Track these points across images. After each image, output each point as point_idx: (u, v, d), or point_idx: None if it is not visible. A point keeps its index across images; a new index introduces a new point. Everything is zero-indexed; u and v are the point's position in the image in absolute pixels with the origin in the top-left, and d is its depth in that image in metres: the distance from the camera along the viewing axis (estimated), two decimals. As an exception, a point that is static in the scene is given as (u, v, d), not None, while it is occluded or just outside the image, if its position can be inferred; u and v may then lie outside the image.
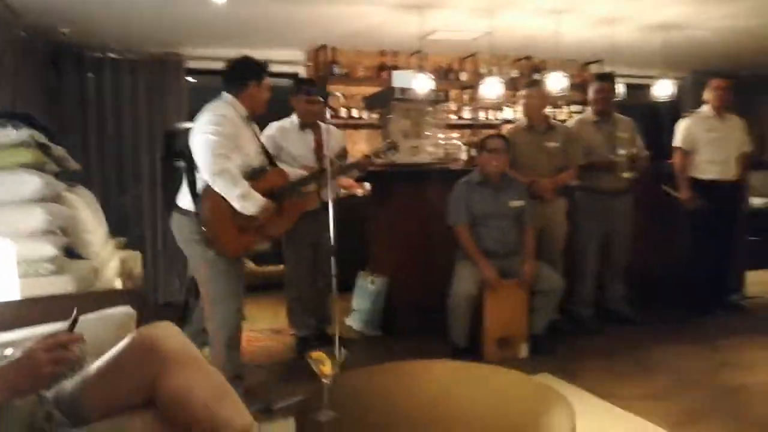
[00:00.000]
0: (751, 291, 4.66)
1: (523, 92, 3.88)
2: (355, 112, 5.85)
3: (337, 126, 4.25)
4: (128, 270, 4.23)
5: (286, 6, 4.46)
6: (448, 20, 4.94)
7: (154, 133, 5.19)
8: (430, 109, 4.28)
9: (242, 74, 2.83)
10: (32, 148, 2.90)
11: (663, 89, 5.59)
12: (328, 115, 3.22)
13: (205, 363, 1.41)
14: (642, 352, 3.49)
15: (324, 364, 1.74)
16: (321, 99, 3.40)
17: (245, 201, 2.65)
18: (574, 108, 6.60)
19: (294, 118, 3.63)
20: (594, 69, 6.74)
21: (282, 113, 7.75)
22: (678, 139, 4.34)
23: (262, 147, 2.98)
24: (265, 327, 4.35)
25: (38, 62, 4.66)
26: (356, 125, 5.82)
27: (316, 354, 1.75)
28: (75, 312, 1.35)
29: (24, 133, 2.79)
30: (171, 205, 2.90)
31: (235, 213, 2.68)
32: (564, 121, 5.61)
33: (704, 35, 5.63)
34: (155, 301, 5.21)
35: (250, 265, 7.26)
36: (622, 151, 3.89)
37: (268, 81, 2.87)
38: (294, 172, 3.19)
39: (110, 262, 3.77)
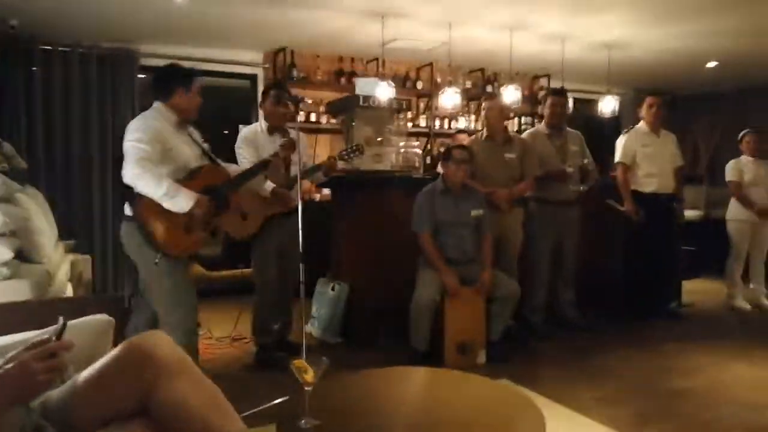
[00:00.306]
0: (687, 299, 4.96)
1: (483, 104, 3.98)
2: (313, 117, 5.85)
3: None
4: (78, 274, 4.09)
5: (246, 8, 4.43)
6: (408, 30, 5.03)
7: (105, 132, 5.02)
8: (392, 117, 4.34)
9: (168, 82, 2.84)
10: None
11: (608, 105, 5.88)
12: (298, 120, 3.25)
13: (198, 371, 1.40)
14: (591, 357, 3.66)
15: (306, 373, 1.76)
16: (290, 103, 3.39)
17: (173, 199, 2.64)
18: (525, 120, 6.83)
19: (262, 122, 3.58)
20: (542, 83, 7.04)
21: (241, 114, 7.63)
22: (619, 155, 4.57)
23: (203, 151, 2.98)
24: (223, 335, 4.28)
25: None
26: (317, 130, 5.81)
27: (299, 362, 1.77)
28: (63, 319, 1.33)
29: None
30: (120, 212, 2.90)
31: (175, 213, 2.68)
32: (516, 132, 5.83)
33: (645, 56, 5.97)
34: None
35: (200, 269, 7.14)
36: (571, 167, 4.08)
37: (198, 86, 2.87)
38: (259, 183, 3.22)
39: (61, 266, 3.64)
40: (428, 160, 5.82)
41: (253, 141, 3.49)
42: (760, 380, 3.26)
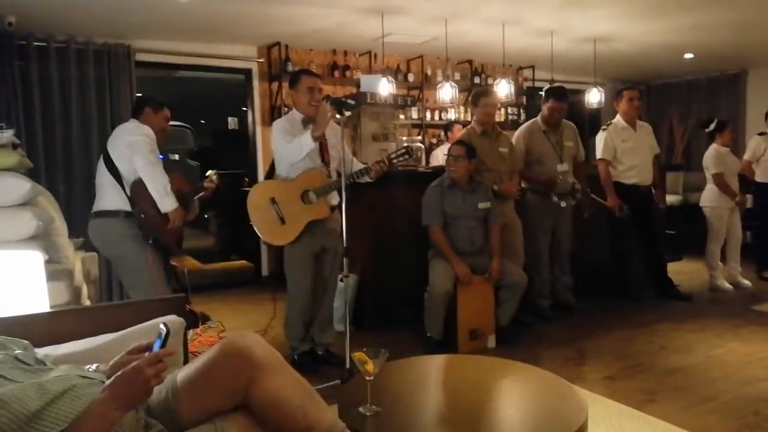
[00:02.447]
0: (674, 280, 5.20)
1: (482, 99, 4.03)
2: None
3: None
4: (86, 271, 4.10)
5: (242, 4, 4.43)
6: (404, 24, 5.10)
7: (104, 127, 4.98)
8: (396, 112, 4.42)
9: (139, 102, 3.40)
10: (13, 150, 2.78)
11: (594, 97, 6.07)
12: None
13: (289, 367, 1.50)
14: (592, 338, 3.86)
15: (367, 364, 1.87)
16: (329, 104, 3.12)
17: (166, 195, 3.12)
18: (511, 110, 6.98)
19: (295, 113, 3.34)
20: (527, 74, 7.19)
21: (234, 110, 7.54)
22: (600, 151, 4.69)
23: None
24: (235, 326, 4.34)
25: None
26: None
27: (359, 354, 1.87)
28: (166, 327, 1.40)
29: (7, 135, 2.67)
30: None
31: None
32: (502, 123, 5.98)
33: (628, 48, 6.17)
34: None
35: (194, 262, 7.15)
36: (566, 165, 4.23)
37: (167, 112, 3.42)
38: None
39: (76, 265, 3.65)
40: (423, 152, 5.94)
41: (292, 131, 3.22)
42: (750, 355, 3.50)
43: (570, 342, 3.80)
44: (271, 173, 3.39)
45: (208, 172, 3.62)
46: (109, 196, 3.12)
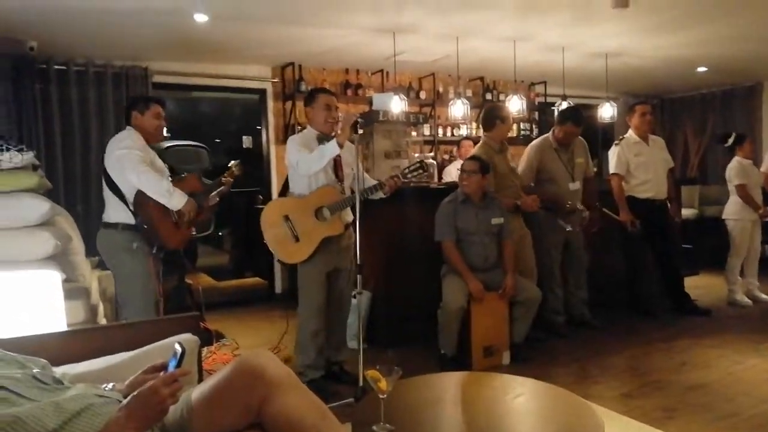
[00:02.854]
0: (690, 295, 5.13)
1: (501, 115, 4.04)
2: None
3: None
4: (103, 289, 4.14)
5: (258, 25, 4.51)
6: (416, 43, 5.15)
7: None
8: (408, 129, 4.45)
9: (129, 106, 3.27)
10: (33, 171, 2.84)
11: (607, 111, 6.06)
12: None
13: (303, 386, 1.50)
14: (608, 355, 3.81)
15: (381, 381, 1.86)
16: (339, 115, 3.26)
17: (171, 196, 3.04)
18: (523, 126, 6.98)
19: (310, 131, 3.35)
20: (538, 89, 7.21)
21: (249, 129, 7.62)
22: (613, 166, 4.66)
23: (170, 169, 3.43)
24: (250, 344, 4.34)
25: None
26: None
27: (372, 372, 1.87)
28: (182, 347, 1.41)
29: (28, 157, 2.73)
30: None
31: (169, 211, 3.10)
32: (514, 139, 5.98)
33: (640, 63, 6.17)
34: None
35: (209, 279, 7.20)
36: (577, 183, 4.22)
37: (156, 109, 3.22)
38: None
39: (92, 283, 3.70)
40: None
41: (307, 146, 3.22)
42: (771, 372, 3.43)
43: (586, 358, 3.76)
44: (284, 191, 3.42)
45: (231, 163, 3.44)
46: (111, 209, 3.14)
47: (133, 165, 2.98)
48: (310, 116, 3.32)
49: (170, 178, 3.22)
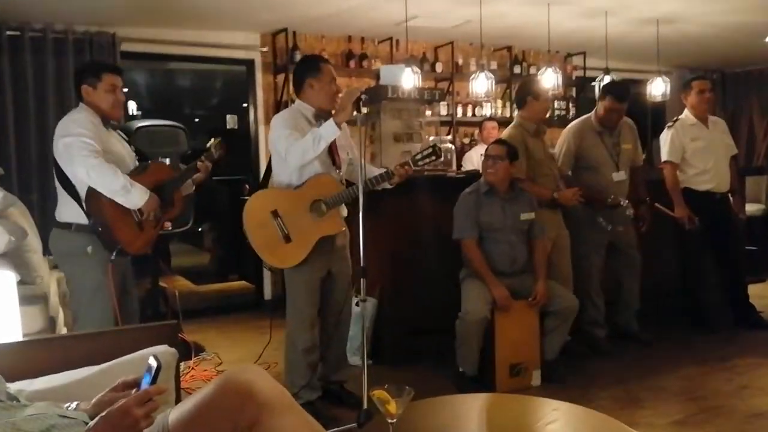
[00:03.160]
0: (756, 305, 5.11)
1: (532, 94, 4.02)
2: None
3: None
4: (62, 294, 4.16)
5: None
6: (430, 6, 5.15)
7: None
8: (422, 108, 4.45)
9: (77, 79, 3.15)
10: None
11: (657, 88, 6.03)
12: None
13: (298, 406, 1.51)
14: (658, 376, 3.80)
15: (389, 404, 1.87)
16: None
17: (128, 193, 2.95)
18: (558, 105, 6.96)
19: (302, 106, 3.29)
20: (576, 62, 7.18)
21: (234, 107, 7.64)
22: (666, 153, 4.62)
23: (135, 151, 3.38)
24: (232, 358, 4.37)
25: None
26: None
27: (379, 392, 1.87)
28: (157, 361, 1.42)
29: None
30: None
31: (127, 209, 3.02)
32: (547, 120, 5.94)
33: (695, 30, 6.13)
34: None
35: (186, 283, 7.24)
36: (623, 173, 4.21)
37: (110, 80, 3.11)
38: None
39: (51, 286, 3.72)
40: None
41: (298, 127, 3.17)
42: None
43: (631, 379, 3.75)
44: (266, 180, 3.40)
45: (210, 142, 3.33)
46: (62, 205, 3.08)
47: (82, 157, 2.86)
48: (315, 89, 3.25)
49: (136, 164, 3.22)
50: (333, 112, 3.12)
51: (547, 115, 4.20)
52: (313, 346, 3.30)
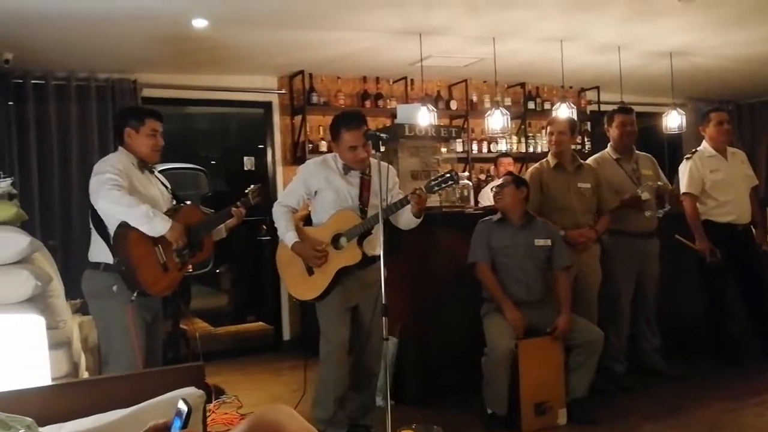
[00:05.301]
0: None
1: (551, 126, 4.13)
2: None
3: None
4: (84, 337, 4.18)
5: (261, 29, 4.62)
6: (444, 46, 5.23)
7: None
8: (438, 145, 4.50)
9: (118, 125, 3.27)
10: (9, 201, 2.91)
11: (673, 120, 6.03)
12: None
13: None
14: (688, 411, 3.73)
15: (419, 445, 1.86)
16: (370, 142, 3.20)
17: (151, 221, 2.96)
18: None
19: (337, 161, 3.42)
20: (590, 96, 7.23)
21: (251, 149, 7.74)
22: (684, 185, 4.58)
23: (173, 194, 3.40)
24: (254, 402, 4.33)
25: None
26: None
27: (407, 432, 1.87)
28: (187, 405, 1.43)
29: (5, 185, 2.82)
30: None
31: (154, 250, 3.03)
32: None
33: (709, 63, 6.16)
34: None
35: (204, 325, 7.24)
36: (646, 193, 4.20)
37: (153, 125, 3.22)
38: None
39: (74, 331, 3.75)
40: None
41: (328, 178, 3.35)
42: None
43: (659, 417, 3.68)
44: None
45: (249, 188, 3.43)
46: (94, 245, 3.15)
47: (106, 190, 2.92)
48: (336, 151, 3.43)
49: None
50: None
51: (575, 153, 4.21)
52: (340, 380, 3.32)
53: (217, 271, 7.91)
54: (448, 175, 3.20)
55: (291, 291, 3.35)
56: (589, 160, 4.47)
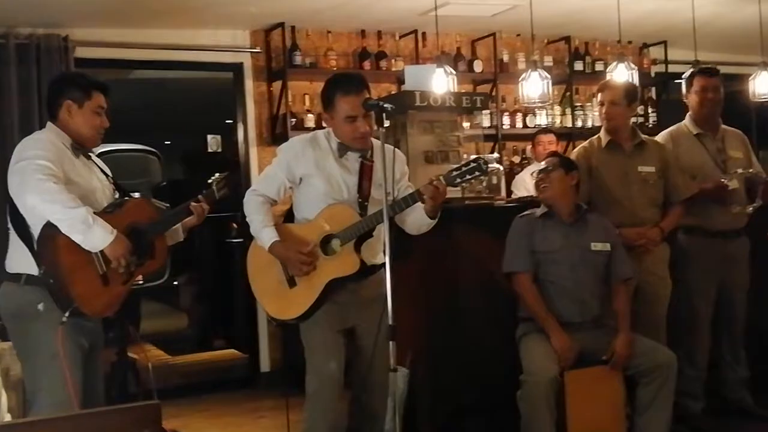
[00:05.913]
0: None
1: (599, 95, 4.13)
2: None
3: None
4: (5, 370, 4.19)
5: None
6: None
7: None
8: (459, 119, 4.50)
9: (54, 95, 3.21)
10: None
11: (763, 84, 6.01)
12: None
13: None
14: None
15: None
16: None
17: (89, 229, 2.89)
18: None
19: (331, 138, 3.36)
20: (654, 54, 7.22)
21: (216, 125, 7.74)
22: None
23: (116, 185, 3.37)
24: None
25: None
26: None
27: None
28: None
29: None
30: None
31: (92, 257, 2.97)
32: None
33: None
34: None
35: (159, 353, 7.27)
36: (734, 181, 4.18)
37: (100, 100, 3.19)
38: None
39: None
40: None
41: (317, 161, 3.30)
42: None
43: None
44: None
45: (212, 177, 3.44)
46: (13, 251, 3.10)
47: (36, 181, 2.85)
48: (329, 125, 3.38)
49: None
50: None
51: (635, 128, 4.19)
52: (332, 425, 3.30)
53: (175, 283, 7.93)
54: (475, 164, 3.12)
55: (265, 307, 3.29)
56: (661, 135, 4.48)
